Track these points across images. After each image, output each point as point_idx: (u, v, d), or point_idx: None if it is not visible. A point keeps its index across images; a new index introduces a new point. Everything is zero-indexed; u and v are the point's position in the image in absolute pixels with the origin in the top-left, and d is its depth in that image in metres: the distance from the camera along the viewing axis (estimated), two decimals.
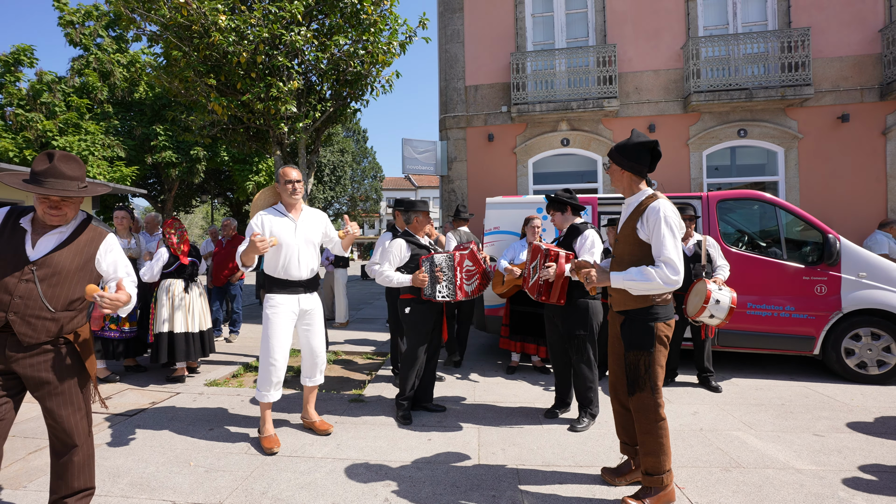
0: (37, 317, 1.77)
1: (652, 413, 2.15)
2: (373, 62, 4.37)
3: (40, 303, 1.77)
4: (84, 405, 1.96)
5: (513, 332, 4.66)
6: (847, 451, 2.82)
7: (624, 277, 2.10)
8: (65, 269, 1.83)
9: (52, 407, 1.87)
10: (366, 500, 2.30)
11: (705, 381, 4.12)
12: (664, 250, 2.06)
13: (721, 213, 4.66)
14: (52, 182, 1.77)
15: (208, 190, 18.38)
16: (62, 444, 1.93)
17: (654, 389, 2.14)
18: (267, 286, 2.97)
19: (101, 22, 14.44)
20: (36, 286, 1.76)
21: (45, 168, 1.77)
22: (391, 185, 46.61)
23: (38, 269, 1.77)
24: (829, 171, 7.75)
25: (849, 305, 4.16)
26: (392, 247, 3.36)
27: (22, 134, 12.67)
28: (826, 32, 7.78)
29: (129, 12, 4.05)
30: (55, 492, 1.96)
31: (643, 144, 2.17)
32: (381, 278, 3.34)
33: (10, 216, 1.84)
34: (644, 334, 2.15)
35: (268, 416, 2.96)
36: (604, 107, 8.05)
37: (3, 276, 1.73)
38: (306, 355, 3.14)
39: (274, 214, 2.94)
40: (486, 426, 3.26)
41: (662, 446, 2.14)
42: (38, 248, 1.81)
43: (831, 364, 4.27)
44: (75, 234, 1.90)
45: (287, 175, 2.92)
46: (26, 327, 1.76)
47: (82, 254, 1.89)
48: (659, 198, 2.17)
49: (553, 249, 2.76)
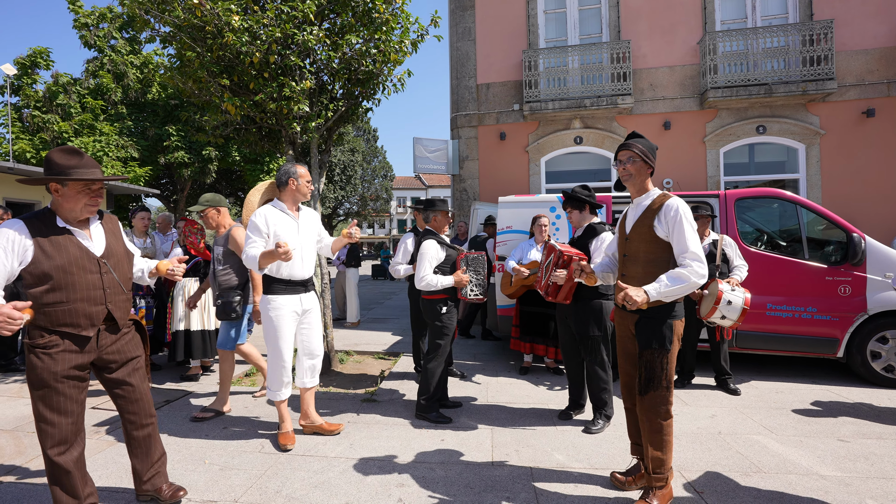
0: (121, 300, 2.00)
1: (663, 411, 2.15)
2: (385, 61, 4.35)
3: (120, 288, 1.99)
4: (148, 378, 2.19)
5: (523, 333, 4.62)
6: (874, 457, 2.73)
7: (659, 289, 2.04)
8: (118, 254, 2.03)
9: (138, 382, 2.07)
10: (379, 499, 2.29)
11: (723, 384, 4.03)
12: (689, 246, 2.06)
13: (739, 211, 4.54)
14: (93, 171, 1.89)
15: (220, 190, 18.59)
16: (145, 417, 2.11)
17: (668, 387, 2.14)
18: (267, 287, 2.88)
19: (114, 24, 14.66)
20: (113, 275, 1.96)
21: (80, 160, 1.87)
22: (401, 184, 46.71)
23: (108, 260, 1.96)
24: (853, 168, 7.53)
25: (875, 307, 4.03)
26: (429, 248, 3.33)
27: (39, 135, 12.94)
28: (850, 24, 7.56)
29: (143, 13, 4.08)
30: (142, 471, 2.13)
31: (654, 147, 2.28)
32: (423, 284, 3.28)
33: (35, 224, 1.83)
34: (664, 333, 2.14)
35: (285, 412, 2.98)
36: (618, 104, 7.93)
37: (87, 275, 1.88)
38: (303, 356, 3.05)
39: (276, 212, 2.84)
40: (499, 427, 3.23)
41: (669, 444, 2.16)
42: (96, 243, 1.96)
43: (856, 367, 4.14)
44: (105, 224, 2.06)
45: (305, 174, 2.90)
46: (120, 312, 1.99)
47: (117, 237, 2.07)
48: (672, 196, 2.19)
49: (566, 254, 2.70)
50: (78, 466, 1.90)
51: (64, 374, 1.83)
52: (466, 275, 3.34)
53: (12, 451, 2.85)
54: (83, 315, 1.86)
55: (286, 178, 2.88)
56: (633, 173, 2.23)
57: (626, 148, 2.23)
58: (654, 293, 2.03)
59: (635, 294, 2.00)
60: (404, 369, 4.77)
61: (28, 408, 3.60)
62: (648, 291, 2.03)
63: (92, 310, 1.88)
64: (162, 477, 2.21)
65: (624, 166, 2.25)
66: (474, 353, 5.54)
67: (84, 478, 1.94)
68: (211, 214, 3.50)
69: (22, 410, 3.55)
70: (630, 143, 2.23)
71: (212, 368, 4.68)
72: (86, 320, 1.87)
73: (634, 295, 2.00)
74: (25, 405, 3.66)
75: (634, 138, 2.27)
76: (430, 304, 3.38)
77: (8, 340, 4.77)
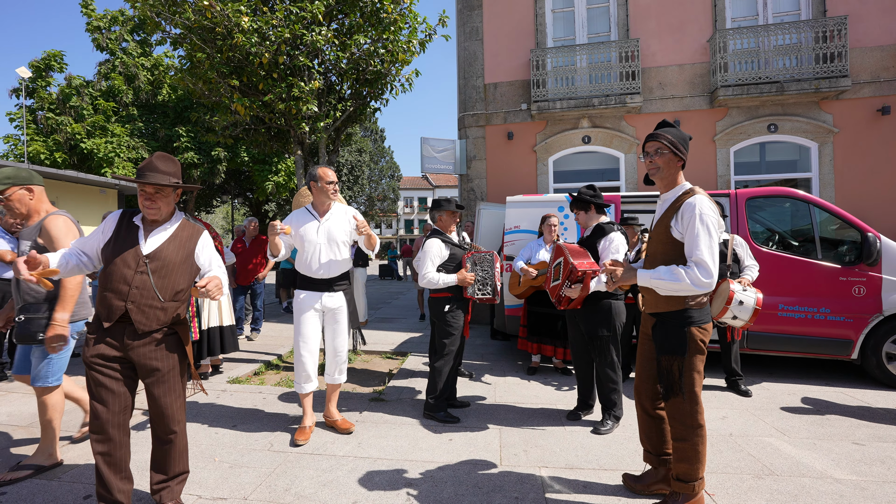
0: (149, 306, 1.94)
1: (688, 419, 2.03)
2: (392, 61, 4.36)
3: (153, 293, 1.94)
4: (183, 393, 2.11)
5: (530, 334, 4.60)
6: (891, 461, 2.68)
7: (651, 276, 1.99)
8: (171, 262, 2.00)
9: (159, 395, 2.02)
10: (387, 498, 2.29)
11: (734, 385, 3.98)
12: (697, 250, 1.92)
13: (750, 211, 4.49)
14: (150, 175, 1.95)
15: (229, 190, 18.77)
16: (164, 432, 2.06)
17: (690, 395, 2.03)
18: (296, 282, 3.10)
19: (126, 27, 14.87)
20: (149, 277, 1.94)
21: (148, 163, 1.98)
22: (409, 184, 46.78)
23: (150, 262, 1.95)
24: (867, 167, 7.40)
25: (890, 308, 3.95)
26: (431, 246, 3.35)
27: (52, 137, 13.15)
28: (864, 20, 7.42)
29: (154, 16, 4.13)
30: (153, 478, 2.11)
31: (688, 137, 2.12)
32: (425, 281, 3.30)
33: (125, 217, 2.04)
34: (677, 339, 2.03)
35: (307, 407, 3.09)
36: (626, 103, 7.87)
37: (122, 268, 1.92)
38: (329, 354, 3.18)
39: (302, 213, 3.04)
40: (507, 427, 3.22)
41: (698, 454, 2.03)
42: (150, 243, 1.99)
43: (871, 369, 4.07)
44: (179, 231, 2.07)
45: (327, 176, 2.97)
46: (141, 315, 1.93)
47: (185, 248, 2.06)
48: (697, 193, 2.01)
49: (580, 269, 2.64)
50: (108, 463, 1.91)
51: (93, 358, 1.90)
52: (471, 274, 3.32)
53: (27, 446, 2.90)
54: (107, 305, 1.92)
55: (308, 182, 3.03)
56: (660, 166, 2.05)
57: (653, 139, 2.05)
58: (645, 278, 1.99)
59: (623, 271, 2.00)
60: (412, 368, 4.78)
61: None
62: (640, 274, 2.00)
63: (114, 303, 1.91)
64: (171, 494, 2.11)
65: (651, 159, 2.06)
66: (482, 353, 5.53)
67: (117, 475, 1.93)
68: (17, 197, 2.42)
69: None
70: (658, 134, 2.05)
71: (221, 368, 4.72)
72: (106, 311, 1.92)
73: (619, 269, 1.99)
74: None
75: (664, 128, 2.08)
76: (436, 303, 3.39)
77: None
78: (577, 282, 2.73)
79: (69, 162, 13.22)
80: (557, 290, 2.90)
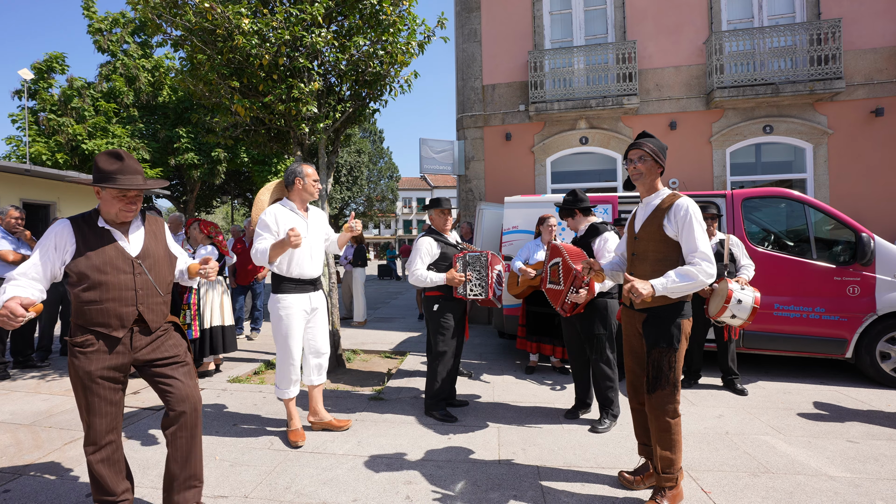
0: (156, 303, 1.97)
1: (671, 409, 2.16)
2: (392, 62, 4.39)
3: (155, 290, 1.96)
4: (195, 376, 2.12)
5: (529, 333, 4.63)
6: (884, 458, 2.71)
7: (665, 284, 2.06)
8: (157, 256, 2.01)
9: (181, 375, 2.01)
10: (387, 496, 2.32)
11: (730, 384, 4.02)
12: (699, 246, 2.08)
13: (746, 211, 4.53)
14: (130, 178, 1.86)
15: (228, 191, 18.77)
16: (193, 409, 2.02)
17: (675, 386, 2.15)
18: (276, 286, 2.91)
19: (127, 29, 14.88)
20: (148, 277, 1.94)
21: (119, 166, 1.85)
22: (407, 185, 46.82)
23: (143, 262, 1.94)
24: (861, 168, 7.46)
25: (884, 307, 4.00)
26: (421, 244, 3.37)
27: (54, 138, 13.15)
28: (858, 23, 7.49)
29: (155, 18, 4.16)
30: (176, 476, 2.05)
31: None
32: (413, 278, 3.32)
33: (80, 225, 1.89)
34: (672, 331, 2.15)
35: (293, 410, 3.01)
36: (623, 104, 7.92)
37: (120, 275, 1.88)
38: (310, 354, 3.08)
39: (285, 211, 2.89)
40: (506, 425, 3.25)
41: (677, 443, 2.17)
42: (134, 244, 1.96)
43: (865, 368, 4.11)
44: (148, 226, 2.06)
45: (311, 174, 2.93)
46: (151, 314, 1.96)
47: (159, 239, 2.06)
48: (681, 195, 2.21)
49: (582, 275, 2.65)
50: (109, 465, 1.90)
51: (98, 374, 1.84)
52: (461, 274, 3.29)
53: (30, 445, 2.92)
54: (114, 315, 1.85)
55: (293, 178, 2.92)
56: (643, 172, 2.25)
57: (636, 147, 2.25)
58: (661, 287, 2.04)
59: (641, 286, 2.01)
60: (411, 368, 4.80)
61: (45, 403, 3.68)
62: (655, 285, 2.05)
63: (123, 310, 1.87)
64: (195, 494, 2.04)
65: (634, 165, 2.26)
66: (481, 352, 5.56)
67: (118, 475, 1.94)
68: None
69: (39, 406, 3.62)
70: (641, 143, 2.25)
71: (221, 368, 4.74)
72: (116, 321, 1.86)
73: (640, 287, 2.01)
74: (43, 401, 3.74)
75: (645, 137, 2.29)
76: (427, 301, 3.42)
77: (26, 337, 4.86)
78: (582, 287, 2.76)
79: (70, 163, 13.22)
80: (560, 297, 2.86)
